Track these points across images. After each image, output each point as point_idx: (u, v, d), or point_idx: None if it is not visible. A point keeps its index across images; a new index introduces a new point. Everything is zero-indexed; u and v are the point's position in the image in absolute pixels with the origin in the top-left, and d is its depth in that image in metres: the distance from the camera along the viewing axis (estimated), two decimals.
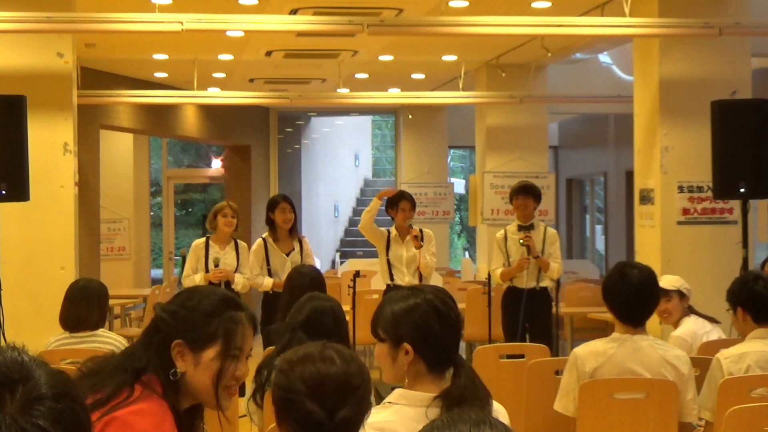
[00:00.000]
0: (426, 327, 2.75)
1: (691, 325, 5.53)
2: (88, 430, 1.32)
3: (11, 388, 1.27)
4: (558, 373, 4.79)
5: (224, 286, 8.15)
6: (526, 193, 8.09)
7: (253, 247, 8.19)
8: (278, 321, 5.56)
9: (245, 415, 4.52)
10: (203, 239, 8.25)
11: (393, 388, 2.79)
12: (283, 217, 8.06)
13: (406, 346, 2.73)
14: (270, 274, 8.06)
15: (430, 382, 2.74)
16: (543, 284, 8.00)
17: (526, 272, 7.95)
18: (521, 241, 7.94)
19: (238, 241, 8.25)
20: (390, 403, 2.72)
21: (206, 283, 8.04)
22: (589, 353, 4.22)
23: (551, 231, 8.22)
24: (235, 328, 2.38)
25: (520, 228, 8.06)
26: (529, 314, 7.85)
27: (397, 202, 8.27)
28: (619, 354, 4.19)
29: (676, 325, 5.58)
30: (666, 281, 5.54)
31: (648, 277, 4.26)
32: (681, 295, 5.58)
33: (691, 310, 5.61)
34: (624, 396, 4.22)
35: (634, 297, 4.16)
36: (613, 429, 4.25)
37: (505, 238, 8.18)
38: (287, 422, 2.23)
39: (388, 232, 8.34)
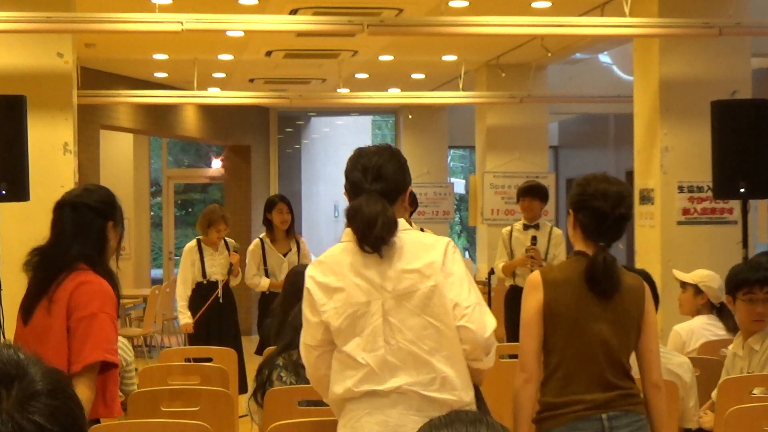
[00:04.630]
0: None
1: (693, 322, 5.46)
2: (82, 425, 1.33)
3: (7, 384, 1.28)
4: None
5: (221, 285, 8.24)
6: (532, 196, 8.08)
7: (250, 247, 8.24)
8: (272, 317, 5.57)
9: (246, 415, 4.53)
10: (195, 242, 8.32)
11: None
12: (281, 218, 8.07)
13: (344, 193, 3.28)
14: (267, 275, 8.08)
15: None
16: None
17: (529, 271, 7.93)
18: (526, 251, 7.93)
19: (227, 240, 8.39)
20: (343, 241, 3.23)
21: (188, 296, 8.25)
22: None
23: (557, 231, 8.18)
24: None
25: (526, 227, 8.07)
26: None
27: None
28: None
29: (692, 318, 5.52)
30: (691, 274, 5.48)
31: (647, 277, 4.26)
32: (697, 290, 5.47)
33: (719, 311, 5.44)
34: None
35: None
36: None
37: (511, 235, 8.19)
38: (582, 217, 3.47)
39: None
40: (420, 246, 3.15)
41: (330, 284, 3.12)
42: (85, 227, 3.65)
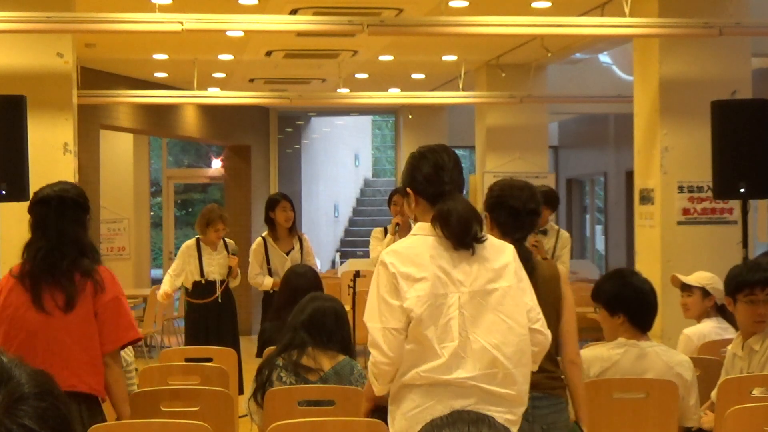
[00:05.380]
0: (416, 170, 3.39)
1: (704, 326, 5.42)
2: (71, 426, 1.30)
3: None
4: None
5: (220, 284, 8.25)
6: (544, 205, 8.05)
7: (253, 246, 8.24)
8: (270, 319, 5.58)
9: (246, 415, 4.53)
10: (193, 241, 8.33)
11: None
12: (285, 215, 8.08)
13: (408, 189, 3.37)
14: (270, 274, 8.08)
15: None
16: None
17: None
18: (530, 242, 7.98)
19: (227, 240, 8.39)
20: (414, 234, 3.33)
21: (170, 293, 8.53)
22: (594, 358, 4.27)
23: (564, 234, 8.15)
24: None
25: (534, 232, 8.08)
26: None
27: (392, 197, 8.31)
28: (624, 360, 4.22)
29: (698, 321, 5.50)
30: (694, 277, 5.47)
31: (649, 281, 4.35)
32: (705, 293, 5.43)
33: (720, 312, 5.42)
34: (624, 396, 4.23)
35: (644, 302, 4.25)
36: (614, 429, 4.25)
37: None
38: (498, 215, 3.86)
39: (386, 230, 8.34)
40: (493, 248, 3.28)
41: (412, 274, 3.18)
42: (76, 220, 4.06)
